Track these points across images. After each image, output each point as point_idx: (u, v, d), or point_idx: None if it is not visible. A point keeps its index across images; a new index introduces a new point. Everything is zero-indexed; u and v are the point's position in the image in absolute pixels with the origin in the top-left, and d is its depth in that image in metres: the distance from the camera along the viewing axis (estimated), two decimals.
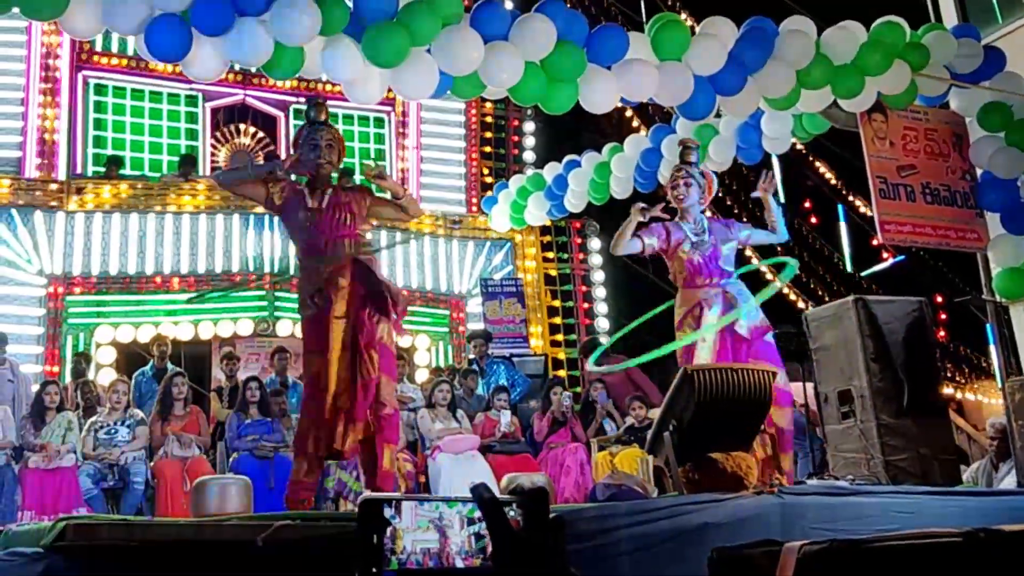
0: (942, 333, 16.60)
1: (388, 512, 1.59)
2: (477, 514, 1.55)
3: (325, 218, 5.42)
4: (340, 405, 5.27)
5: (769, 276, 12.00)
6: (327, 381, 5.27)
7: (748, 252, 10.74)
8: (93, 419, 8.22)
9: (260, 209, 7.82)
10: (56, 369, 10.31)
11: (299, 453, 5.51)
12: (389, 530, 1.59)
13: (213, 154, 12.73)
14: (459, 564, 1.57)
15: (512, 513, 1.52)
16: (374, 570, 1.58)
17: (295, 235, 5.59)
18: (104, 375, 10.04)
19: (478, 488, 1.46)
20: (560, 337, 12.90)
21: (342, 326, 5.32)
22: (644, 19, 9.29)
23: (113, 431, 8.07)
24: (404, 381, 9.65)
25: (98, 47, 12.18)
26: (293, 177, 5.80)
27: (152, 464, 7.95)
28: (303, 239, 5.53)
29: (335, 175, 5.75)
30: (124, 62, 12.23)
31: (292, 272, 9.68)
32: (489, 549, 1.54)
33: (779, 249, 7.54)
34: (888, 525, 4.57)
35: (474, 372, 10.23)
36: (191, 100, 12.72)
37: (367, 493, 5.41)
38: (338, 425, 5.26)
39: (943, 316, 16.98)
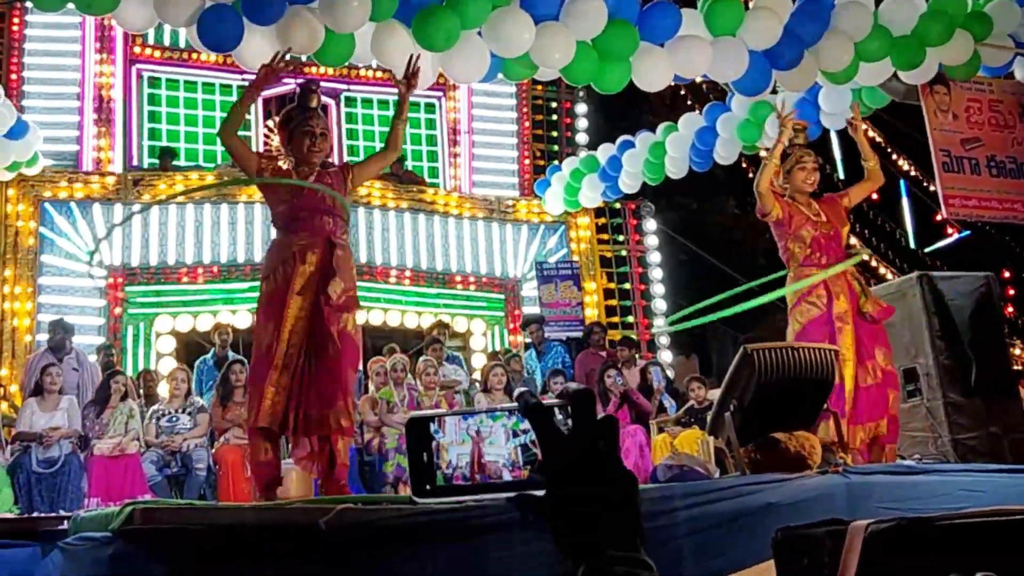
0: (1010, 309, 16.21)
1: (432, 427, 1.56)
2: (523, 426, 1.50)
3: (308, 193, 5.21)
4: (282, 384, 4.90)
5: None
6: (275, 356, 4.91)
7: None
8: (155, 407, 8.35)
9: None
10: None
11: (254, 434, 5.05)
12: (433, 444, 1.56)
13: (266, 143, 12.81)
14: (507, 477, 1.53)
15: (559, 418, 1.47)
16: (427, 487, 1.55)
17: (274, 206, 5.26)
18: (164, 364, 10.17)
19: (523, 395, 1.39)
20: (616, 319, 12.81)
21: (299, 303, 4.98)
22: None
23: (175, 419, 8.19)
24: (446, 364, 9.66)
25: (150, 40, 12.30)
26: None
27: (213, 450, 8.05)
28: (281, 210, 5.21)
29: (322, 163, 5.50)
30: (176, 54, 12.37)
31: None
32: (537, 460, 1.50)
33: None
34: (958, 504, 4.45)
35: (516, 356, 10.25)
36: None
37: (413, 412, 5.16)
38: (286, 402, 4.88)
39: (1011, 291, 16.59)
